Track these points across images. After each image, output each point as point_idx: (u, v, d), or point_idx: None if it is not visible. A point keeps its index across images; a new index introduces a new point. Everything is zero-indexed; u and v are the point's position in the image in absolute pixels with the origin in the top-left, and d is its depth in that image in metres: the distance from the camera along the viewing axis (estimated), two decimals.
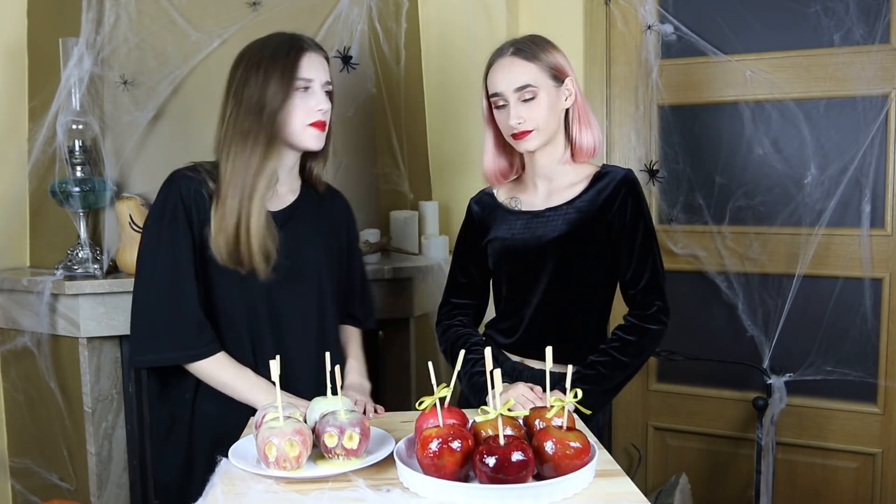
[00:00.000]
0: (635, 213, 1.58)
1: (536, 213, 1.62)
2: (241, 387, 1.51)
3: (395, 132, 2.47)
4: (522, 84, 1.54)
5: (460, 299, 1.74)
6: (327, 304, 1.66)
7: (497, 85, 1.57)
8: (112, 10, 2.18)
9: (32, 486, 2.32)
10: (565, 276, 1.59)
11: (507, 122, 1.56)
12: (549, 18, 2.60)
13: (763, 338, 2.33)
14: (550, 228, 1.59)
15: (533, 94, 1.54)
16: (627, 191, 1.58)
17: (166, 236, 1.50)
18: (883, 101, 2.20)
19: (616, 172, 1.61)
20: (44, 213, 2.33)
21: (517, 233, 1.63)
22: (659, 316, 1.58)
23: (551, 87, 1.56)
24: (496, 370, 1.12)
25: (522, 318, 1.64)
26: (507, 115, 1.56)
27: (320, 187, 1.71)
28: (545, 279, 1.60)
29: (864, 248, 2.23)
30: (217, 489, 1.14)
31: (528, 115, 1.54)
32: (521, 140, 1.56)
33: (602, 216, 1.58)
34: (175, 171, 1.58)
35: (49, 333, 2.18)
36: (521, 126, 1.54)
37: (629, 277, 1.59)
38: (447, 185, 2.66)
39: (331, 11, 2.34)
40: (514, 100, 1.55)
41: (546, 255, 1.59)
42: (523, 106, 1.54)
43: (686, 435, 2.56)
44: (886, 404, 2.29)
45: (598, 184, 1.60)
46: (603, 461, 1.20)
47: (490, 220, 1.69)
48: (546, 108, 1.55)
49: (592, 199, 1.59)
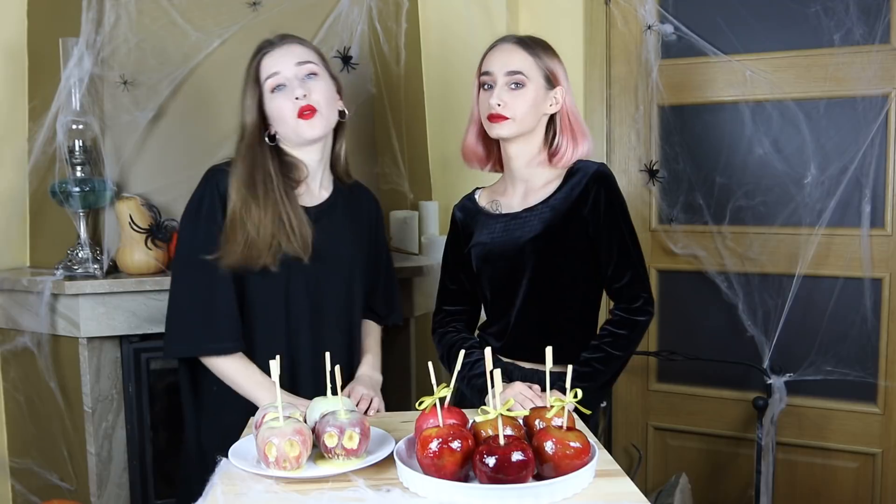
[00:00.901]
0: (609, 206, 1.57)
1: (515, 215, 1.62)
2: (244, 383, 1.53)
3: (395, 132, 2.47)
4: (515, 69, 1.55)
5: (452, 306, 1.74)
6: (356, 298, 1.67)
7: (490, 64, 1.57)
8: (112, 10, 2.18)
9: (32, 486, 2.32)
10: (546, 275, 1.59)
11: (487, 101, 1.56)
12: (549, 18, 2.60)
13: (763, 338, 2.33)
14: (527, 229, 1.59)
15: (522, 82, 1.54)
16: (599, 185, 1.57)
17: (203, 231, 1.53)
18: (883, 101, 2.20)
19: (588, 167, 1.60)
20: (44, 213, 2.33)
21: (496, 236, 1.63)
22: (646, 307, 1.58)
23: (541, 86, 1.57)
24: (496, 370, 1.12)
25: (509, 320, 1.64)
26: (489, 95, 1.56)
27: (347, 180, 1.71)
28: (526, 280, 1.59)
29: (864, 248, 2.23)
30: (217, 489, 1.14)
31: (510, 102, 1.54)
32: (495, 123, 1.56)
33: (576, 212, 1.57)
34: (212, 166, 1.61)
35: (49, 333, 2.18)
36: (501, 109, 1.54)
37: (611, 272, 1.59)
38: (447, 185, 2.65)
39: (331, 11, 2.34)
40: (502, 82, 1.55)
41: (524, 256, 1.59)
42: (509, 92, 1.55)
43: (686, 435, 2.56)
44: (886, 404, 2.29)
45: (571, 180, 1.59)
46: (603, 461, 1.20)
47: (473, 225, 1.69)
48: (530, 102, 1.55)
49: (566, 196, 1.58)
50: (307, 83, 1.55)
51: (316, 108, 1.54)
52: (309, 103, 1.53)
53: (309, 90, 1.54)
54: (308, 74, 1.55)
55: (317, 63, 1.58)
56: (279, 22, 2.24)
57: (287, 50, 1.56)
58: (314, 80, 1.56)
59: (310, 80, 1.55)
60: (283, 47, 1.56)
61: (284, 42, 1.57)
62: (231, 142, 2.25)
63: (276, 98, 1.55)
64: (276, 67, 1.54)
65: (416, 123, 2.63)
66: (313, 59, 1.58)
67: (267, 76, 1.55)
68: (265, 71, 1.55)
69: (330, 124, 1.59)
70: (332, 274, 1.60)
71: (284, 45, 1.56)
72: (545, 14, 2.61)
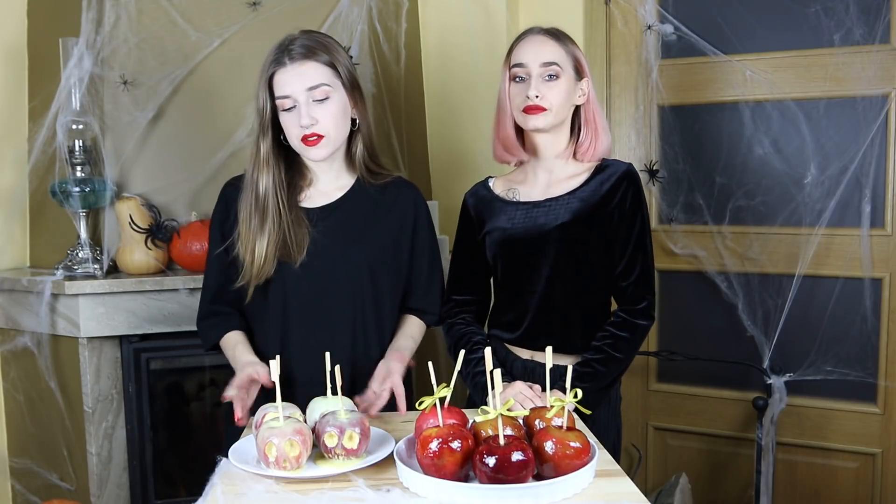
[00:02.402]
0: (634, 206, 1.59)
1: (537, 204, 1.63)
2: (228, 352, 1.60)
3: (395, 132, 2.47)
4: (550, 60, 1.55)
5: (461, 295, 1.73)
6: (367, 298, 1.62)
7: (523, 55, 1.57)
8: (112, 10, 2.19)
9: (32, 486, 2.32)
10: (567, 265, 1.59)
11: (524, 94, 1.56)
12: (548, 18, 2.57)
13: (763, 338, 2.33)
14: (553, 217, 1.59)
15: (557, 73, 1.56)
16: (629, 184, 1.59)
17: (213, 238, 1.66)
18: (883, 101, 2.20)
19: (618, 165, 1.63)
20: (44, 213, 2.33)
21: (518, 223, 1.63)
22: (649, 311, 1.60)
23: (572, 77, 1.59)
24: (496, 370, 1.12)
25: (527, 309, 1.63)
26: (525, 87, 1.56)
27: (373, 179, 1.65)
28: (547, 268, 1.60)
29: (864, 248, 2.23)
30: (217, 489, 1.14)
31: (547, 93, 1.55)
32: (532, 115, 1.56)
33: (604, 207, 1.58)
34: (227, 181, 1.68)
35: (49, 333, 2.18)
36: (539, 101, 1.55)
37: (622, 269, 1.60)
38: (447, 185, 2.65)
39: (331, 11, 2.34)
40: (537, 73, 1.55)
41: (548, 243, 1.59)
42: (545, 83, 1.55)
43: (686, 435, 2.56)
44: (886, 404, 2.29)
45: (600, 175, 1.61)
46: (603, 461, 1.20)
47: (487, 211, 1.68)
48: (564, 93, 1.57)
49: (595, 190, 1.60)
50: (316, 110, 1.51)
51: (323, 135, 1.52)
52: (315, 132, 1.52)
53: (317, 118, 1.51)
54: (320, 98, 1.52)
55: (330, 83, 1.53)
56: (279, 22, 2.24)
57: (299, 72, 1.50)
58: (325, 104, 1.52)
59: (320, 105, 1.52)
60: (296, 66, 1.51)
61: (297, 61, 1.51)
62: (231, 142, 2.28)
63: (285, 116, 1.53)
64: (286, 90, 1.51)
65: (416, 123, 2.63)
66: (326, 79, 1.53)
67: (278, 95, 1.52)
68: (277, 88, 1.52)
69: (338, 143, 1.57)
70: (333, 273, 1.60)
71: (297, 65, 1.51)
72: (545, 14, 2.61)
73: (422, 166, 2.67)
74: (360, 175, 1.65)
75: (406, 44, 2.50)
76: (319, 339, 1.57)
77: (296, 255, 1.55)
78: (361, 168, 1.64)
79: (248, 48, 2.23)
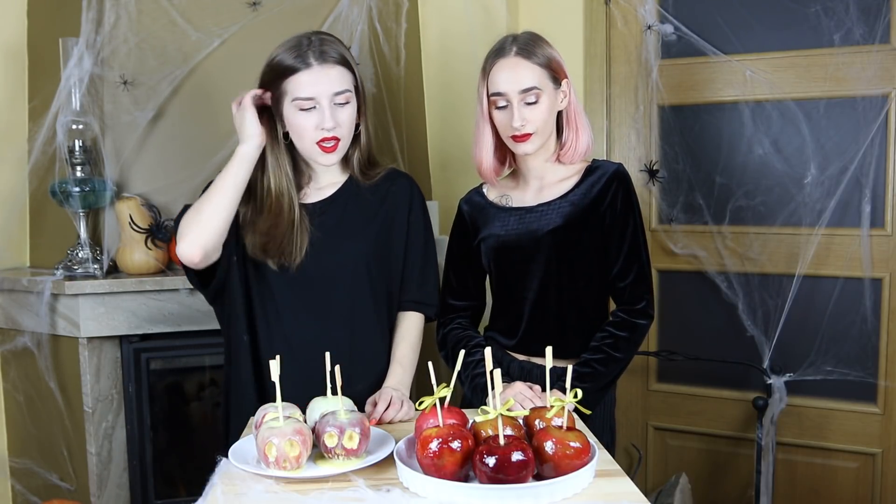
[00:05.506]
0: (626, 206, 1.59)
1: (529, 209, 1.63)
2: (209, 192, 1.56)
3: (395, 132, 2.47)
4: (528, 86, 1.54)
5: (457, 301, 1.74)
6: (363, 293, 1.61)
7: (500, 84, 1.56)
8: (112, 10, 2.19)
9: (32, 486, 2.32)
10: (561, 269, 1.60)
11: (508, 123, 1.56)
12: (549, 18, 2.60)
13: (763, 338, 2.33)
14: (545, 222, 1.60)
15: (537, 97, 1.54)
16: (619, 184, 1.59)
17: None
18: (883, 101, 2.20)
19: (607, 166, 1.62)
20: (44, 213, 2.33)
21: (511, 228, 1.63)
22: (647, 310, 1.61)
23: (551, 89, 1.57)
24: (496, 370, 1.12)
25: (522, 315, 1.64)
26: (509, 116, 1.55)
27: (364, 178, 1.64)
28: (541, 273, 1.60)
29: (864, 248, 2.23)
30: (217, 489, 1.14)
31: (531, 118, 1.54)
32: (521, 142, 1.56)
33: (595, 209, 1.59)
34: None
35: (49, 333, 2.18)
36: (524, 129, 1.54)
37: (618, 270, 1.60)
38: (447, 185, 2.65)
39: (331, 11, 2.34)
40: (517, 101, 1.54)
41: (541, 248, 1.60)
42: (527, 108, 1.54)
43: (686, 435, 2.56)
44: (886, 404, 2.29)
45: (590, 177, 1.61)
46: (603, 461, 1.21)
47: (481, 218, 1.69)
48: (547, 111, 1.56)
49: (585, 193, 1.60)
50: (338, 114, 1.51)
51: (340, 138, 1.52)
52: (335, 135, 1.51)
53: (339, 122, 1.51)
54: (341, 103, 1.51)
55: (351, 88, 1.53)
56: (279, 22, 2.24)
57: (325, 75, 1.49)
58: (345, 108, 1.52)
59: (341, 109, 1.52)
60: (322, 69, 1.49)
61: (324, 62, 1.49)
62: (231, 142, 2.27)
63: (299, 115, 1.50)
64: (311, 92, 1.48)
65: (416, 123, 2.63)
66: (348, 84, 1.52)
67: (299, 96, 1.49)
68: (298, 90, 1.49)
69: (346, 149, 1.58)
70: (331, 268, 1.59)
71: (324, 67, 1.49)
72: (545, 14, 2.61)
73: (422, 166, 2.67)
74: (353, 174, 1.65)
75: (406, 44, 2.50)
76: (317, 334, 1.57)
77: (296, 254, 1.55)
78: (355, 170, 1.65)
79: (248, 48, 2.22)
